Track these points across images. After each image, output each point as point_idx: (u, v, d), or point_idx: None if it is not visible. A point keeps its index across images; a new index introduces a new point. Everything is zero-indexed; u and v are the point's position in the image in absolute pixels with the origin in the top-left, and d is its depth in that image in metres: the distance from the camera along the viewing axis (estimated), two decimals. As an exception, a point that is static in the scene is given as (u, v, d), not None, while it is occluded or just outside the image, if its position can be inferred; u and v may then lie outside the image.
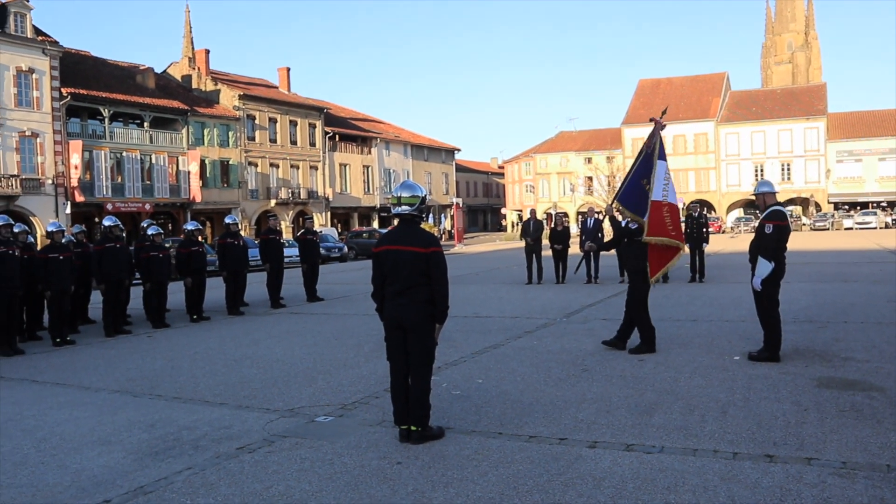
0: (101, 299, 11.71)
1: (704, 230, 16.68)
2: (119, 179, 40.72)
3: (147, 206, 40.56)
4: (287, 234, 44.02)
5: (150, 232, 12.54)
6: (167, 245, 13.41)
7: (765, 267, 7.21)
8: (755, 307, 7.65)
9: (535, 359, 8.10)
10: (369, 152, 62.93)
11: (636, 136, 73.38)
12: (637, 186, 8.53)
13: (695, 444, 4.83)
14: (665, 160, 8.55)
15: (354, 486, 4.35)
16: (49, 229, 10.89)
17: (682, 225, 18.48)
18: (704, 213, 17.11)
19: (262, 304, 15.10)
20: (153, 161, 42.22)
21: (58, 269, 10.64)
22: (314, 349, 9.46)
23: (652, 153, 8.47)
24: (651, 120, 8.68)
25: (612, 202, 8.79)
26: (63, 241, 11.07)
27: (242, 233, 37.14)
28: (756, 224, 7.79)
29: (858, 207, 61.35)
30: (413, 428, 5.12)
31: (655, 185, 8.29)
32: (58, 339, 10.74)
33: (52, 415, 6.52)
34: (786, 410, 5.54)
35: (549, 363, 7.80)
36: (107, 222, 11.75)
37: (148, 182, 42.03)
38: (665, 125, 8.66)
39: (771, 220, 7.25)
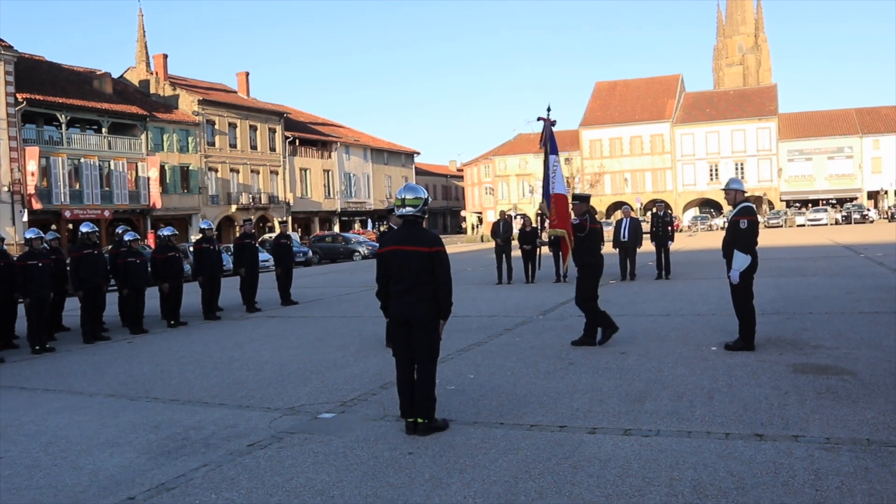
0: (74, 307, 11.63)
1: (670, 228, 17.18)
2: (77, 186, 39.98)
3: (106, 213, 39.91)
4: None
5: (126, 238, 12.50)
6: (143, 251, 13.34)
7: (742, 260, 7.60)
8: (731, 299, 8.03)
9: (520, 354, 8.36)
10: (329, 157, 62.78)
11: (594, 138, 74.67)
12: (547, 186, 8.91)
13: (688, 427, 5.14)
14: (556, 154, 8.85)
15: (372, 475, 4.54)
16: (27, 236, 10.82)
17: (647, 224, 19.04)
18: (670, 212, 17.60)
19: (236, 308, 15.11)
20: (112, 167, 41.57)
21: (37, 276, 10.59)
22: (300, 351, 9.58)
23: (548, 151, 8.81)
24: (539, 119, 8.98)
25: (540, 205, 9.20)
26: (41, 247, 10.98)
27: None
28: (726, 220, 8.23)
29: (810, 205, 63.31)
30: (420, 420, 5.32)
31: (552, 179, 8.59)
32: (37, 347, 10.67)
33: (52, 419, 6.56)
34: (768, 394, 5.89)
35: (535, 358, 8.07)
36: (84, 228, 11.69)
37: (107, 188, 41.37)
38: (555, 122, 8.98)
39: (744, 215, 7.64)
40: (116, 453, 5.38)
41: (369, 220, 66.26)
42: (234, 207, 50.34)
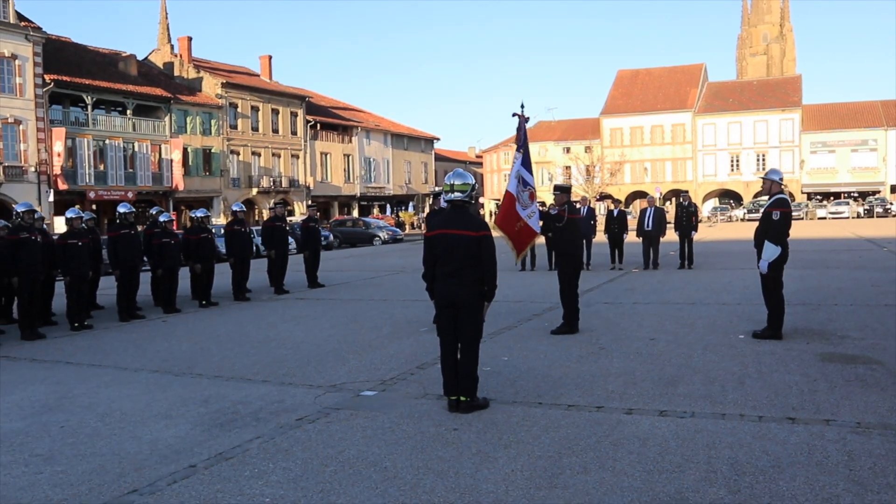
0: (106, 286, 11.92)
1: (694, 219, 17.26)
2: (102, 167, 40.50)
3: (129, 194, 40.38)
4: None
5: (161, 219, 12.79)
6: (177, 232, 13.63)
7: (772, 251, 7.73)
8: (761, 289, 8.16)
9: (551, 339, 8.55)
10: (350, 141, 62.98)
11: (615, 126, 74.30)
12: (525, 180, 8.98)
13: (721, 410, 5.32)
14: (521, 152, 8.90)
15: (421, 449, 4.76)
16: (68, 215, 11.10)
17: (672, 214, 19.09)
18: (694, 202, 17.68)
19: (264, 290, 15.37)
20: (136, 149, 42.04)
21: (77, 255, 10.88)
22: (334, 332, 9.82)
23: (521, 146, 8.87)
24: (514, 115, 9.05)
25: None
26: (80, 227, 11.28)
27: (220, 221, 37.30)
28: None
29: (832, 198, 62.76)
30: (462, 398, 5.54)
31: (525, 176, 8.66)
32: (76, 324, 10.98)
33: (103, 392, 6.84)
34: (797, 381, 6.06)
35: (566, 342, 8.27)
36: (121, 209, 11.99)
37: (131, 170, 41.87)
38: (528, 118, 9.04)
39: (777, 207, 7.76)
40: (171, 425, 5.64)
41: (388, 206, 66.54)
42: (255, 190, 50.73)
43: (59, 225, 29.23)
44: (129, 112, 42.32)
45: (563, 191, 9.41)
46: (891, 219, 49.78)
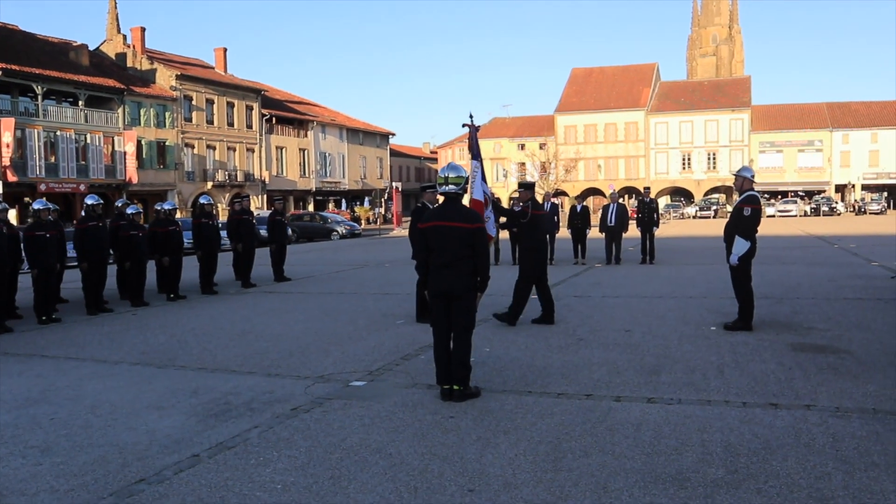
0: (70, 279, 11.67)
1: (655, 215, 17.69)
2: (52, 159, 39.39)
3: (82, 187, 39.40)
4: (223, 217, 43.48)
5: (129, 211, 12.60)
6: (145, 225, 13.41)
7: (742, 245, 8.03)
8: (731, 282, 8.46)
9: (528, 330, 8.72)
10: (305, 135, 62.46)
11: (569, 124, 75.22)
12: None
13: (706, 397, 5.55)
14: (477, 160, 9.12)
15: (422, 436, 4.86)
16: (35, 206, 10.87)
17: (634, 211, 19.50)
18: (656, 199, 18.11)
19: (230, 284, 15.23)
20: (88, 141, 41.00)
21: (44, 247, 10.66)
22: (310, 324, 9.83)
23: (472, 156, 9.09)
24: (464, 125, 9.30)
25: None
26: (48, 218, 11.05)
27: (178, 215, 36.62)
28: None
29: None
30: (455, 387, 5.66)
31: (472, 183, 8.88)
32: (43, 318, 10.75)
33: (87, 385, 6.75)
34: (773, 370, 6.33)
35: (544, 333, 8.45)
36: (89, 200, 11.75)
37: (83, 162, 40.82)
38: (479, 127, 9.28)
39: (748, 203, 8.06)
40: (165, 416, 5.62)
41: (343, 200, 66.16)
42: (209, 184, 49.95)
43: (10, 217, 28.27)
44: (80, 103, 41.22)
45: (526, 187, 9.65)
46: (835, 217, 51.54)
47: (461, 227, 5.57)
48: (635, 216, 18.19)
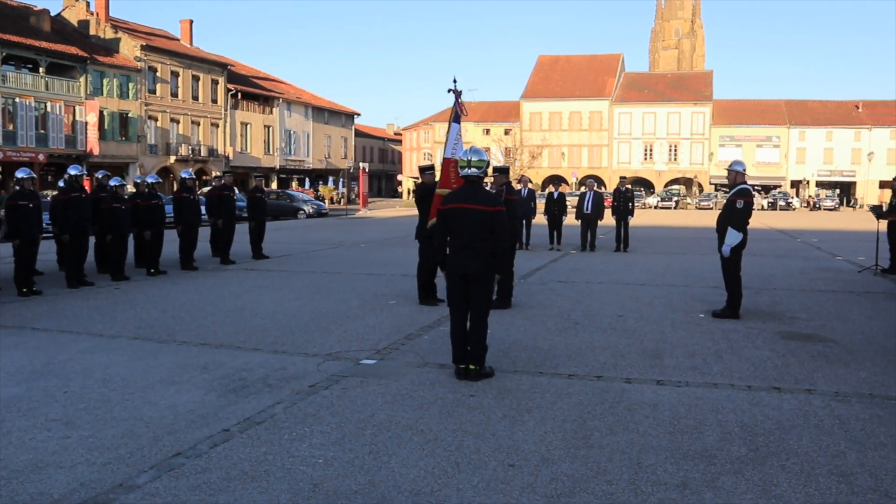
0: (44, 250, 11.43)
1: (630, 205, 18.03)
2: (10, 127, 38.23)
3: (41, 157, 38.38)
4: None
5: (111, 183, 12.40)
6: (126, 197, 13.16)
7: (734, 236, 8.31)
8: (721, 271, 8.77)
9: (524, 314, 8.89)
10: (271, 112, 61.68)
11: (534, 111, 75.65)
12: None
13: (712, 380, 5.79)
14: (458, 123, 9.31)
15: (448, 413, 4.99)
16: (19, 175, 10.64)
17: (610, 199, 19.88)
18: (631, 189, 18.45)
19: (207, 260, 15.06)
20: (48, 109, 39.89)
21: (27, 217, 10.46)
22: (302, 303, 9.85)
23: (451, 118, 9.25)
24: (449, 91, 9.42)
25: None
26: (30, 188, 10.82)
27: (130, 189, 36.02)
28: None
29: (728, 189, 65.91)
30: (471, 367, 5.79)
31: (448, 144, 9.08)
32: (24, 290, 10.57)
33: (91, 359, 6.70)
34: (769, 356, 6.61)
35: (540, 318, 8.63)
36: (72, 171, 11.53)
37: (42, 131, 39.71)
38: (461, 92, 9.44)
39: (741, 196, 8.34)
40: (182, 391, 5.64)
41: (307, 179, 65.58)
42: (172, 158, 49.06)
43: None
44: (41, 70, 40.02)
45: (501, 172, 9.82)
46: (792, 212, 52.99)
47: (482, 209, 5.68)
48: (611, 204, 18.51)
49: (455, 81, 9.40)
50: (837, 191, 65.96)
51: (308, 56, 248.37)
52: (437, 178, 9.01)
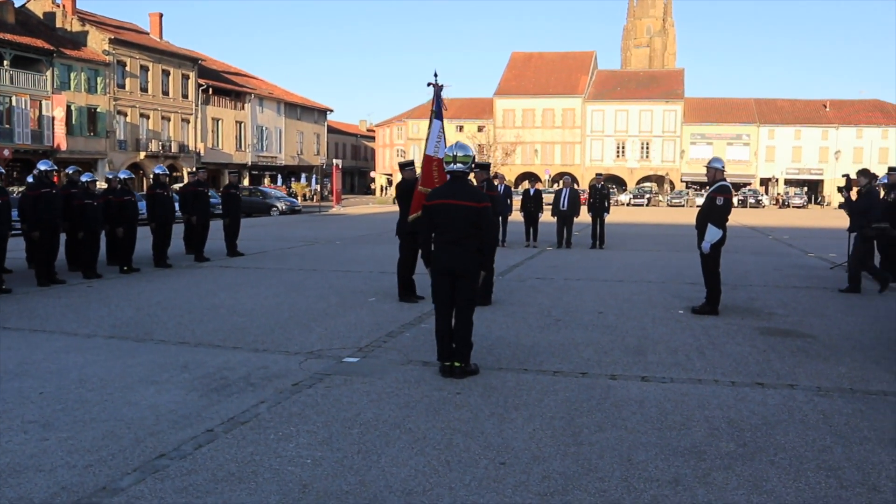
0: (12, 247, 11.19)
1: (606, 202, 18.12)
2: (-26, 121, 37.43)
3: (6, 152, 37.53)
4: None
5: (83, 179, 12.14)
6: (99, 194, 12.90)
7: (714, 233, 8.37)
8: (701, 268, 8.83)
9: (504, 311, 8.88)
10: (243, 108, 61.07)
11: (508, 108, 75.76)
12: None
13: (696, 376, 5.82)
14: (441, 120, 9.32)
15: (435, 411, 4.95)
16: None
17: (585, 196, 19.95)
18: (607, 185, 18.55)
19: (180, 257, 14.84)
20: (13, 104, 38.98)
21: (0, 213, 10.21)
22: (280, 300, 9.73)
23: (433, 115, 9.25)
24: (429, 84, 9.43)
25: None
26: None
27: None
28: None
29: (708, 186, 66.73)
30: (456, 364, 5.76)
31: (429, 141, 9.08)
32: (-7, 288, 10.32)
33: (66, 359, 6.54)
34: (749, 351, 6.67)
35: (521, 314, 8.62)
36: (42, 166, 11.28)
37: (7, 126, 38.81)
38: (443, 86, 9.45)
39: (721, 193, 8.40)
40: (162, 391, 5.52)
41: (279, 176, 65.03)
42: (142, 154, 48.34)
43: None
44: (5, 63, 39.12)
45: (482, 168, 9.81)
46: (761, 209, 53.73)
47: (469, 205, 5.65)
48: (586, 201, 18.59)
49: (436, 76, 9.34)
50: (805, 188, 67.03)
51: (280, 52, 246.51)
52: (418, 174, 8.96)
